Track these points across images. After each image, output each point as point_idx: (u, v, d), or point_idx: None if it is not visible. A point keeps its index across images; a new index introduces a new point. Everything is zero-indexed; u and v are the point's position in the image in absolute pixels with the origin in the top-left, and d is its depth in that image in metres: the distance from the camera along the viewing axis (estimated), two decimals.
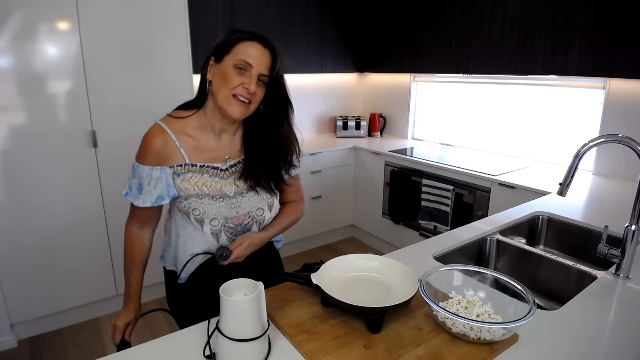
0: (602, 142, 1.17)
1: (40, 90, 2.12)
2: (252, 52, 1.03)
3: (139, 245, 1.17)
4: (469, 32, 2.77)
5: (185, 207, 1.11)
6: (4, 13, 1.96)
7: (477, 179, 2.53)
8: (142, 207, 1.10)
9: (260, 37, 1.05)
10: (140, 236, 1.17)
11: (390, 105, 3.86)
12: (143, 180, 1.08)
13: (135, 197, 1.10)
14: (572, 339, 0.93)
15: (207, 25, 2.79)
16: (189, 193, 1.09)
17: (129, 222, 1.18)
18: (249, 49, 1.03)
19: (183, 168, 1.09)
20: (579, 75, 2.27)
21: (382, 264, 1.11)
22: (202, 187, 1.09)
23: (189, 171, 1.09)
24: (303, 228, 3.25)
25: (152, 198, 1.08)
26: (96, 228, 2.40)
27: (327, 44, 3.48)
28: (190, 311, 1.17)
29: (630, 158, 2.25)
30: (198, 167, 1.10)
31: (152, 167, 1.07)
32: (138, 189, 1.09)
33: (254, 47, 1.03)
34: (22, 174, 2.14)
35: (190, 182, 1.09)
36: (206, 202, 1.10)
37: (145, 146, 1.07)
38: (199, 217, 1.11)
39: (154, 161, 1.07)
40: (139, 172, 1.08)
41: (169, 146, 1.07)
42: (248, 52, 1.02)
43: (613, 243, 1.24)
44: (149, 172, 1.07)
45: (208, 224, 1.11)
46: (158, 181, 1.07)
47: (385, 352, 0.85)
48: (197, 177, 1.09)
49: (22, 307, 2.25)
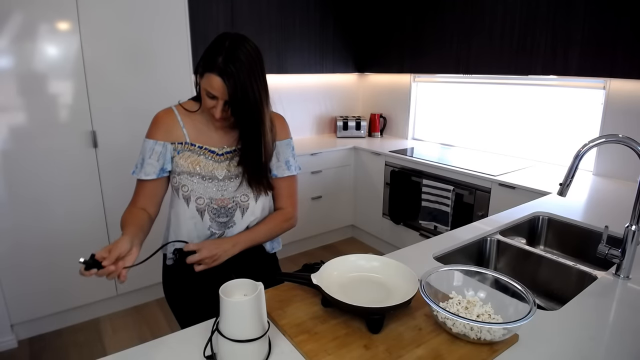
0: (602, 142, 1.17)
1: (40, 90, 2.12)
2: (214, 84, 1.04)
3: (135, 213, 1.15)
4: (469, 32, 2.77)
5: (176, 182, 1.19)
6: (4, 13, 1.96)
7: (477, 179, 2.53)
8: (144, 179, 1.17)
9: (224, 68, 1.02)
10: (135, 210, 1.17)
11: (390, 105, 3.86)
12: (146, 153, 1.17)
13: (139, 172, 1.18)
14: (572, 339, 0.93)
15: (207, 25, 2.79)
16: (182, 169, 1.17)
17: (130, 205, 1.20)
18: (211, 81, 1.04)
19: (183, 146, 1.18)
20: (579, 75, 2.27)
21: (382, 264, 1.11)
22: (195, 166, 1.17)
23: (188, 149, 1.18)
24: (303, 228, 3.25)
25: (155, 170, 1.17)
26: (96, 228, 2.40)
27: (327, 43, 3.48)
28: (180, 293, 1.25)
29: (630, 158, 2.26)
30: (196, 147, 1.18)
31: (156, 141, 1.16)
32: (141, 163, 1.18)
33: (214, 79, 1.04)
34: (22, 174, 2.14)
35: (187, 159, 1.17)
36: (195, 181, 1.17)
37: (154, 122, 1.18)
38: (186, 194, 1.19)
39: (159, 136, 1.16)
40: (144, 146, 1.17)
41: (174, 124, 1.18)
42: (211, 84, 1.05)
43: (613, 243, 1.24)
44: (152, 145, 1.16)
45: (193, 202, 1.19)
46: (160, 155, 1.16)
47: (385, 352, 0.85)
48: (193, 156, 1.18)
49: (22, 307, 2.25)
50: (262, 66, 1.10)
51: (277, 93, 3.58)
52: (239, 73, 1.03)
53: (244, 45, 1.06)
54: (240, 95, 1.05)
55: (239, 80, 1.04)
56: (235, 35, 1.08)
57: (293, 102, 3.70)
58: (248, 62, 1.05)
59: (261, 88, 1.09)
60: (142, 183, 1.19)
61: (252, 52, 1.07)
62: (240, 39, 1.08)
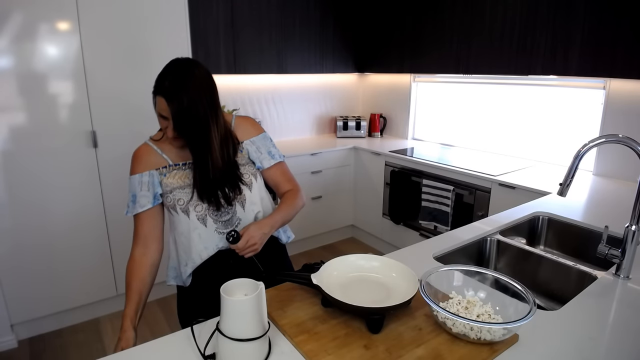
0: (602, 142, 1.17)
1: (40, 90, 2.12)
2: (162, 106, 1.12)
3: (136, 269, 1.19)
4: (469, 32, 2.77)
5: (171, 201, 1.21)
6: (4, 13, 1.96)
7: (477, 179, 2.53)
8: (140, 212, 1.19)
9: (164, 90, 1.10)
10: (141, 261, 1.20)
11: (390, 105, 3.86)
12: (135, 188, 1.21)
13: (132, 208, 1.21)
14: (572, 339, 0.93)
15: (207, 25, 2.80)
16: (173, 186, 1.21)
17: (132, 247, 1.22)
18: (159, 103, 1.12)
19: (167, 169, 1.23)
20: (579, 75, 2.27)
21: (382, 264, 1.11)
22: (184, 178, 1.22)
23: (173, 169, 1.23)
24: (303, 228, 3.25)
25: (149, 199, 1.20)
26: (96, 228, 2.40)
27: (327, 43, 3.48)
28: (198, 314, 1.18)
29: (630, 158, 2.26)
30: (181, 164, 1.24)
31: (141, 173, 1.21)
32: (132, 200, 1.21)
33: (160, 101, 1.11)
34: (22, 174, 2.14)
35: (174, 177, 1.22)
36: (188, 191, 1.21)
37: (134, 158, 1.23)
38: (184, 207, 1.21)
39: (142, 167, 1.21)
40: (131, 183, 1.22)
41: (152, 154, 1.23)
42: (160, 106, 1.12)
43: (613, 243, 1.24)
44: (139, 178, 1.20)
45: (193, 211, 1.21)
46: (149, 184, 1.20)
47: (385, 352, 0.85)
48: (180, 172, 1.23)
49: (22, 307, 2.25)
50: (210, 87, 1.16)
51: (277, 93, 3.58)
52: (182, 95, 1.10)
53: (191, 69, 1.13)
54: (184, 115, 1.11)
55: (181, 102, 1.10)
56: (185, 60, 1.16)
57: (293, 102, 3.70)
58: (193, 84, 1.11)
59: (208, 108, 1.15)
60: (140, 218, 1.21)
61: (198, 75, 1.14)
62: (188, 63, 1.16)
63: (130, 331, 1.09)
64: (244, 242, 1.15)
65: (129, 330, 1.09)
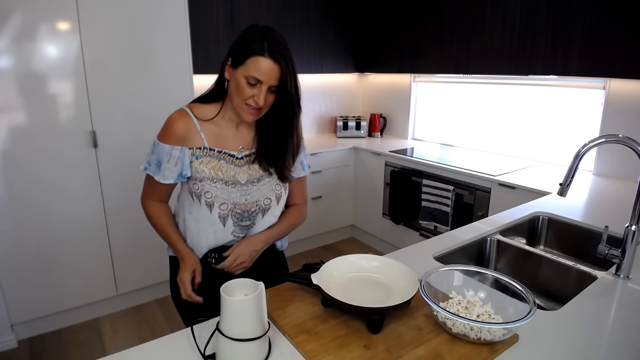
0: (602, 142, 1.17)
1: (40, 90, 2.12)
2: (262, 68, 1.02)
3: (164, 211, 1.22)
4: (469, 32, 2.77)
5: (198, 189, 1.14)
6: (4, 13, 1.95)
7: (477, 179, 2.53)
8: (161, 182, 1.14)
9: (273, 51, 1.03)
10: (162, 206, 1.22)
11: (390, 105, 3.86)
12: (162, 157, 1.12)
13: (155, 172, 1.14)
14: (572, 339, 0.93)
15: (207, 25, 2.80)
16: (204, 175, 1.13)
17: (146, 199, 1.21)
18: (259, 64, 1.02)
19: (202, 151, 1.13)
20: (579, 75, 2.28)
21: (382, 264, 1.11)
22: (217, 171, 1.14)
23: (207, 155, 1.14)
24: (303, 228, 3.22)
25: (173, 175, 1.13)
26: (96, 228, 2.40)
27: (327, 44, 3.48)
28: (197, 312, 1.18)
29: (630, 158, 2.25)
30: (216, 151, 1.14)
31: (173, 146, 1.11)
32: (157, 164, 1.14)
33: (264, 62, 1.02)
34: (22, 174, 2.14)
35: (207, 165, 1.13)
36: (219, 186, 1.14)
37: (168, 127, 1.12)
38: (210, 200, 1.14)
39: (175, 141, 1.11)
40: (159, 149, 1.12)
41: (190, 129, 1.12)
42: (259, 67, 1.02)
43: (613, 243, 1.24)
44: (169, 150, 1.11)
45: (217, 207, 1.15)
46: (178, 160, 1.12)
47: (385, 352, 0.85)
48: (214, 161, 1.14)
49: (22, 307, 2.25)
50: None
51: None
52: (288, 55, 1.05)
53: (279, 35, 1.08)
54: (288, 79, 1.05)
55: (289, 63, 1.04)
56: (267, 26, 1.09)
57: None
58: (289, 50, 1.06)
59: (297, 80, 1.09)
60: (158, 184, 1.16)
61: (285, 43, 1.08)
62: (272, 29, 1.08)
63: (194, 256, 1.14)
64: (232, 261, 1.14)
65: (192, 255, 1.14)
